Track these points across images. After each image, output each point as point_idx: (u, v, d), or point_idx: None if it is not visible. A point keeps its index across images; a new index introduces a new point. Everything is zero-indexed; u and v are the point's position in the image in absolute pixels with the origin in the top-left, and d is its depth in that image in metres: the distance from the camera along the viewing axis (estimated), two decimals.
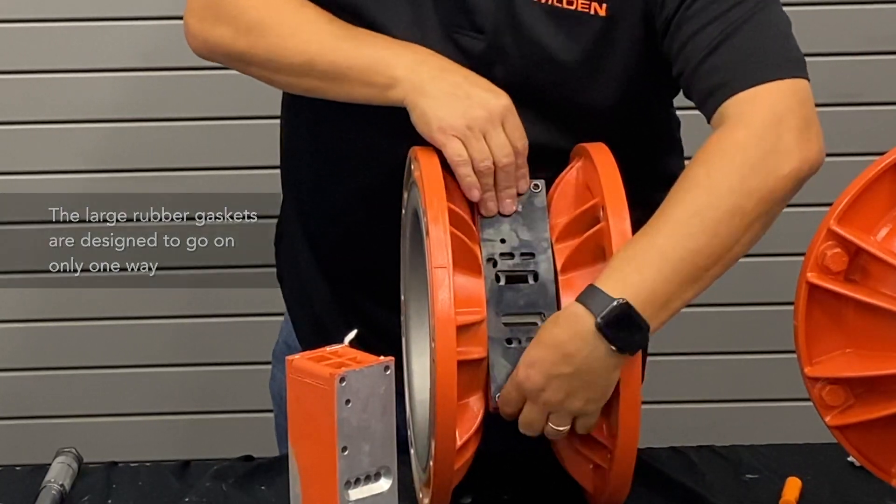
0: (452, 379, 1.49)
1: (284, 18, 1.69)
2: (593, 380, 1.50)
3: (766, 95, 1.58)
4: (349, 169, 1.76)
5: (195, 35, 1.76)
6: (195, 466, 1.76)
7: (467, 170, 1.59)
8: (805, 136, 1.57)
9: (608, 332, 1.48)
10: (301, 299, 1.90)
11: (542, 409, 1.53)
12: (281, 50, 1.68)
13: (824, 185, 1.62)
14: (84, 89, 2.82)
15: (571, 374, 1.50)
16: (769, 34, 1.62)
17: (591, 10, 1.64)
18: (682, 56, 1.63)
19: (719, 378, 3.00)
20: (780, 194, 1.54)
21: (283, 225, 1.95)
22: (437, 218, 1.52)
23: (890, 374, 1.43)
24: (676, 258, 1.50)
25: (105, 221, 2.88)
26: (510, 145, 1.60)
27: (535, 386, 1.51)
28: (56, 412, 2.96)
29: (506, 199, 1.60)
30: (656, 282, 1.49)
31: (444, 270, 1.49)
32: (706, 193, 1.52)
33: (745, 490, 1.70)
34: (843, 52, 2.85)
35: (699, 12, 1.62)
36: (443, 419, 1.50)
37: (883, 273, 1.43)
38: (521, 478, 1.72)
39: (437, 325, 1.49)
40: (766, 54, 1.61)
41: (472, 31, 1.66)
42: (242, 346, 2.92)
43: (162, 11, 2.77)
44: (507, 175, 1.60)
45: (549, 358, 1.50)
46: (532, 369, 1.51)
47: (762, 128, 1.55)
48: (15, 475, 1.75)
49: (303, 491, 1.45)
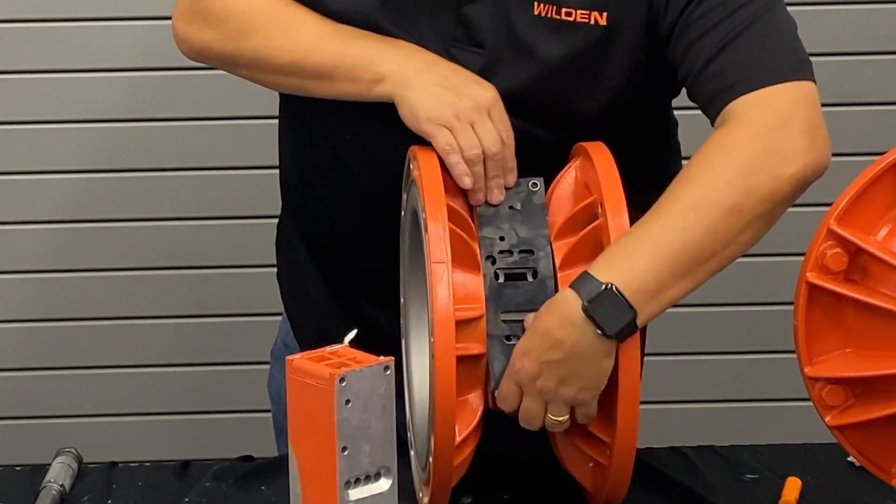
0: (451, 374, 1.49)
1: (271, 19, 1.70)
2: (584, 366, 1.51)
3: (771, 97, 1.57)
4: (347, 170, 1.76)
5: (184, 39, 1.78)
6: (195, 466, 1.76)
7: (457, 157, 1.60)
8: (810, 139, 1.56)
9: (594, 315, 1.48)
10: (301, 300, 1.90)
11: (538, 398, 1.53)
12: (269, 50, 1.69)
13: (824, 185, 1.62)
14: (82, 89, 2.82)
15: (561, 360, 1.50)
16: (775, 36, 1.62)
17: (592, 20, 1.64)
18: (687, 60, 1.63)
19: (719, 378, 3.00)
20: (781, 196, 1.54)
21: (282, 226, 1.96)
22: (435, 214, 1.52)
23: (890, 374, 1.43)
24: (669, 249, 1.50)
25: (105, 221, 2.88)
26: (498, 135, 1.61)
27: (529, 374, 1.52)
28: (56, 412, 2.96)
29: (494, 189, 1.61)
30: (647, 270, 1.49)
31: (443, 266, 1.50)
32: (704, 188, 1.52)
33: (745, 490, 1.70)
34: (844, 52, 2.85)
35: (703, 16, 1.62)
36: (442, 414, 1.50)
37: (883, 273, 1.43)
38: (521, 478, 1.72)
39: (436, 320, 1.49)
40: (772, 57, 1.60)
41: (471, 47, 1.66)
42: (243, 347, 2.92)
43: (160, 11, 2.77)
44: (495, 164, 1.60)
45: (540, 345, 1.51)
46: (525, 358, 1.52)
47: (766, 128, 1.55)
48: (15, 475, 1.75)
49: (303, 491, 1.45)
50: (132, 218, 2.88)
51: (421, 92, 1.61)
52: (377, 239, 1.74)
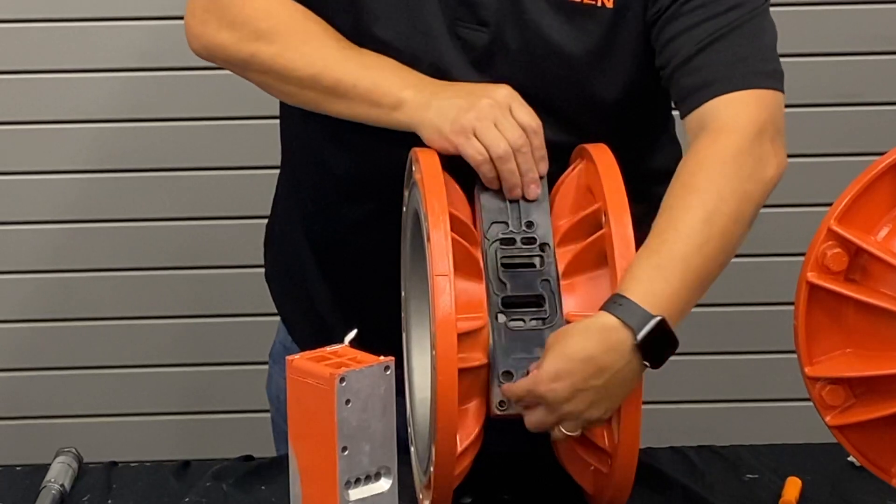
0: (453, 387, 1.49)
1: (292, 30, 1.69)
2: (619, 391, 1.50)
3: (750, 102, 1.60)
4: (351, 169, 1.76)
5: (197, 37, 1.76)
6: (195, 466, 1.76)
7: (488, 167, 1.60)
8: (778, 145, 1.61)
9: (646, 350, 1.48)
10: (300, 299, 1.90)
11: (558, 417, 1.52)
12: (286, 61, 1.69)
13: (824, 185, 1.62)
14: (82, 89, 2.82)
15: (601, 386, 1.49)
16: (758, 43, 1.65)
17: (599, 2, 1.65)
18: (670, 49, 1.64)
19: (719, 378, 3.00)
20: (764, 199, 1.58)
21: (276, 226, 1.95)
22: (438, 224, 1.52)
23: (890, 374, 1.43)
24: (695, 268, 1.52)
25: (105, 221, 2.88)
26: (520, 128, 1.60)
27: (559, 398, 1.50)
28: (56, 412, 2.95)
29: (530, 185, 1.61)
30: (680, 292, 1.51)
31: (446, 279, 1.49)
32: (712, 199, 1.54)
33: (745, 490, 1.70)
34: (843, 52, 2.85)
35: (695, 9, 1.63)
36: (444, 427, 1.50)
37: (883, 273, 1.44)
38: (521, 478, 1.72)
39: (439, 332, 1.49)
40: (754, 62, 1.63)
41: (475, 25, 1.66)
42: (242, 347, 2.92)
43: (159, 11, 2.77)
44: (525, 157, 1.60)
45: (579, 371, 1.48)
46: (558, 383, 1.49)
47: (751, 135, 1.58)
48: (15, 475, 1.75)
49: (303, 491, 1.45)
50: (132, 218, 2.88)
51: (439, 109, 1.61)
52: (379, 238, 1.74)
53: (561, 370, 1.49)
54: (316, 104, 1.70)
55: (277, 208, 1.95)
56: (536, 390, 1.50)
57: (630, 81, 1.68)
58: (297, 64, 1.68)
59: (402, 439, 1.63)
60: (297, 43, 1.69)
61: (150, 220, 2.88)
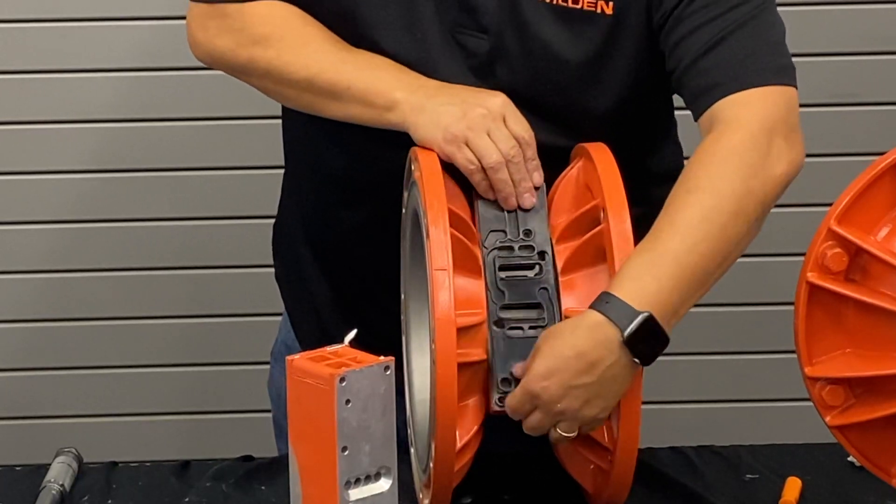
0: (453, 381, 1.49)
1: (290, 34, 1.70)
2: (612, 388, 1.50)
3: (759, 100, 1.59)
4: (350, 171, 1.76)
5: (199, 43, 1.77)
6: (195, 466, 1.76)
7: (480, 176, 1.60)
8: (792, 141, 1.59)
9: (636, 349, 1.48)
10: (302, 299, 1.90)
11: (554, 417, 1.52)
12: (284, 64, 1.69)
13: (824, 185, 1.62)
14: (82, 89, 2.82)
15: (592, 383, 1.49)
16: (765, 39, 1.64)
17: (598, 9, 1.64)
18: (678, 52, 1.63)
19: (719, 378, 3.00)
20: (773, 196, 1.57)
21: (282, 226, 1.95)
22: (437, 220, 1.52)
23: (890, 374, 1.43)
24: (689, 265, 1.51)
25: (105, 221, 2.88)
26: (514, 138, 1.60)
27: (552, 397, 1.50)
28: (56, 412, 2.96)
29: (524, 194, 1.60)
30: (672, 290, 1.50)
31: (445, 273, 1.50)
32: (711, 197, 1.53)
33: (745, 490, 1.70)
34: (843, 52, 2.85)
35: (699, 10, 1.63)
36: (443, 421, 1.50)
37: (883, 273, 1.44)
38: (521, 478, 1.72)
39: (438, 327, 1.49)
40: (761, 59, 1.62)
41: (475, 31, 1.66)
42: (243, 347, 2.92)
43: (160, 11, 2.77)
44: (518, 167, 1.60)
45: (570, 368, 1.49)
46: (549, 381, 1.49)
47: (758, 131, 1.57)
48: (15, 475, 1.75)
49: (303, 491, 1.45)
50: (132, 218, 2.88)
51: (432, 113, 1.61)
52: (379, 238, 1.74)
53: (551, 367, 1.49)
54: (313, 107, 1.70)
55: (281, 210, 1.95)
56: (530, 389, 1.51)
57: (628, 87, 1.68)
58: (293, 67, 1.69)
59: (402, 439, 1.63)
60: (294, 46, 1.69)
61: (150, 220, 2.88)
